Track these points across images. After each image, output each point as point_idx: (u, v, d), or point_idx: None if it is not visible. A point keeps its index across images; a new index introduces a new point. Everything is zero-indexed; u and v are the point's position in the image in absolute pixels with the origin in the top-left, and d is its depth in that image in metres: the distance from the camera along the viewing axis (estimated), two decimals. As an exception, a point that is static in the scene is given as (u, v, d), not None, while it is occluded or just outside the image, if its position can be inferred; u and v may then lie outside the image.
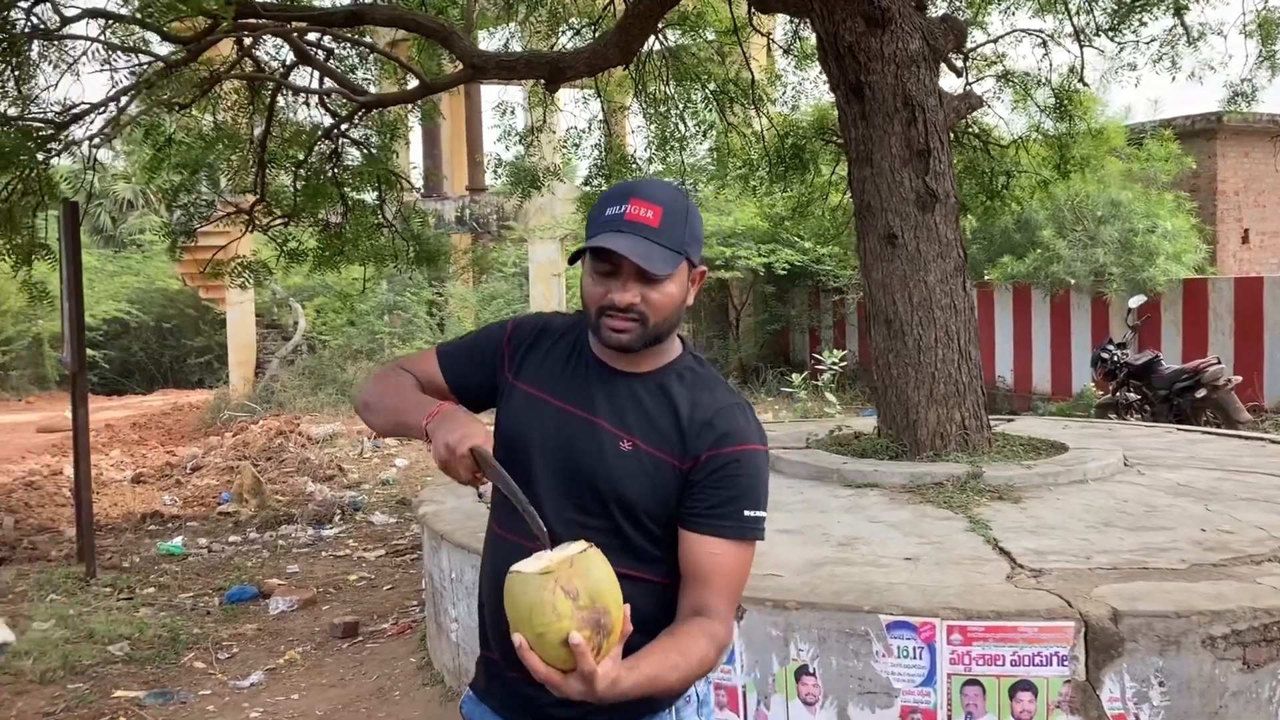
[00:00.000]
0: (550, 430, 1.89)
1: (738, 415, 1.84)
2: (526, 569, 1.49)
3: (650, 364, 1.88)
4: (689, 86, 9.10)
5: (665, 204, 1.80)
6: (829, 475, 5.00)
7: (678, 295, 1.82)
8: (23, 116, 6.95)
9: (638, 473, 1.81)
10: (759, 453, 1.83)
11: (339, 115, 8.14)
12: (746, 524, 1.80)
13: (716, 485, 1.79)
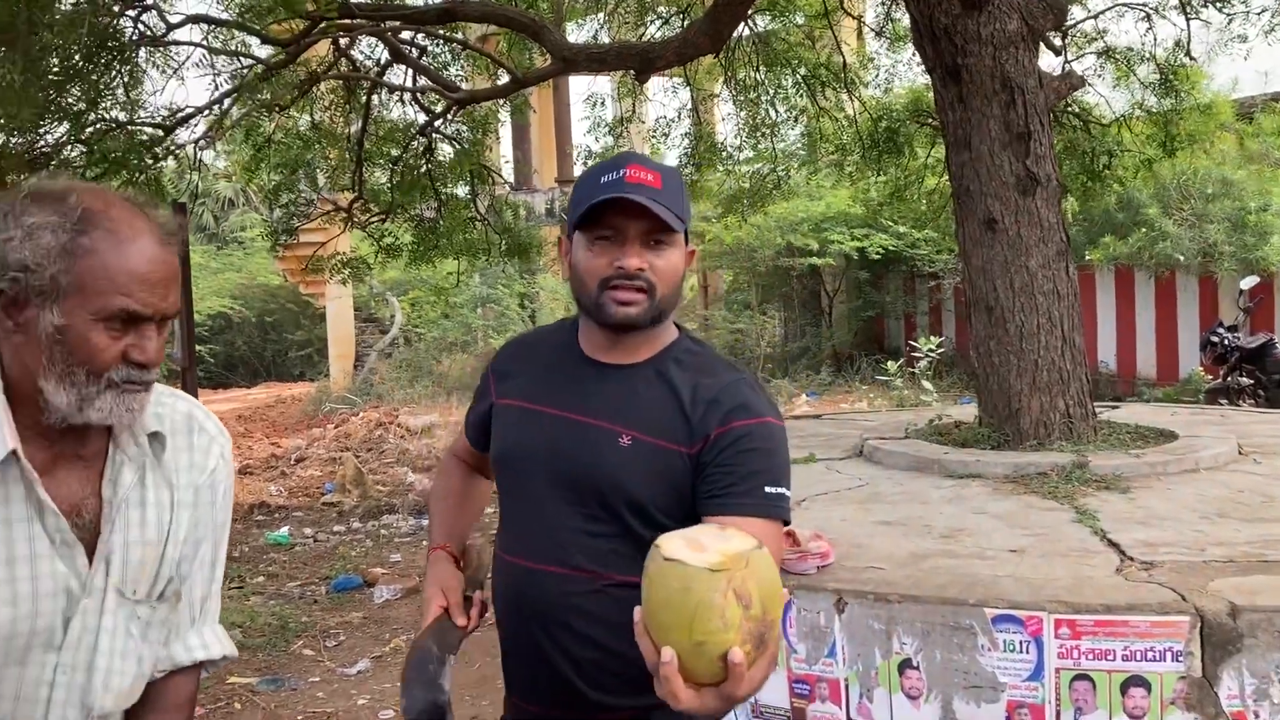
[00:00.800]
0: (545, 440, 1.78)
1: (744, 390, 1.73)
2: (691, 560, 1.24)
3: (646, 351, 1.78)
4: (779, 72, 9.03)
5: (664, 171, 1.72)
6: (929, 466, 4.93)
7: (681, 265, 1.74)
8: (132, 122, 7.20)
9: (641, 467, 1.69)
10: (773, 425, 1.70)
11: (432, 112, 8.27)
12: (769, 501, 1.65)
13: (731, 462, 1.66)
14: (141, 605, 1.44)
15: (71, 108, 6.47)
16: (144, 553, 1.44)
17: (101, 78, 6.56)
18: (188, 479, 1.51)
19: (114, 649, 1.41)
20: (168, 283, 1.36)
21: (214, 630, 1.57)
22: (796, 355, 16.30)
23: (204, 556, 1.54)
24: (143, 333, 1.35)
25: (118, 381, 1.35)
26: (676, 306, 1.76)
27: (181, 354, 7.05)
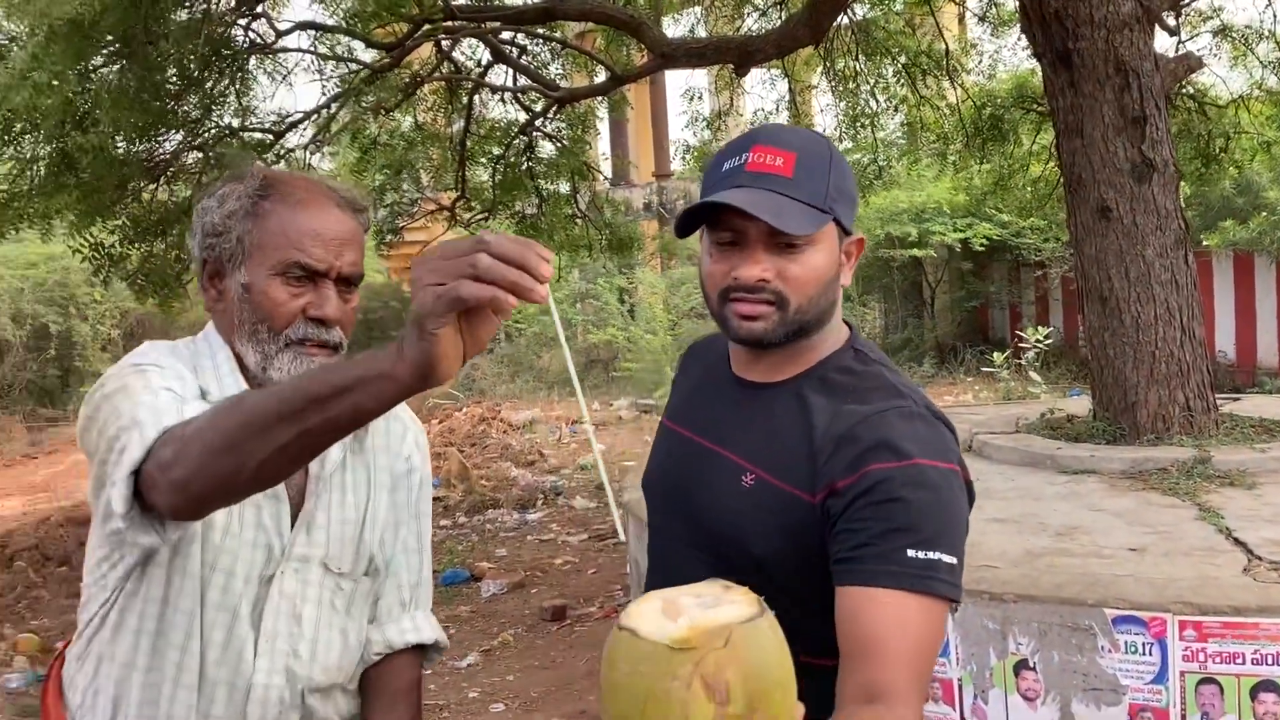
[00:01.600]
0: (673, 468, 1.52)
1: (895, 422, 1.33)
2: (648, 628, 0.91)
3: (792, 368, 1.44)
4: (879, 61, 8.90)
5: (800, 148, 1.37)
6: (1042, 461, 4.81)
7: (825, 268, 1.38)
8: (244, 127, 7.42)
9: (763, 515, 1.37)
10: (928, 469, 1.30)
11: (532, 111, 8.35)
12: (913, 569, 1.26)
13: (861, 517, 1.29)
14: (345, 579, 1.50)
15: (187, 115, 6.70)
16: (344, 530, 1.49)
17: (215, 85, 6.78)
18: (385, 462, 1.56)
19: (319, 620, 1.47)
20: (343, 242, 1.41)
21: (426, 616, 1.62)
22: (898, 347, 16.05)
23: (407, 542, 1.59)
24: (321, 290, 1.40)
25: (295, 339, 1.39)
26: (829, 315, 1.43)
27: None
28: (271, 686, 1.44)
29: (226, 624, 1.41)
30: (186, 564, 1.39)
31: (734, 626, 0.91)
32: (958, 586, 1.30)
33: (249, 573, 1.42)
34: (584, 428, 13.00)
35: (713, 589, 0.98)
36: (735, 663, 0.89)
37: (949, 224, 14.33)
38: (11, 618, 6.11)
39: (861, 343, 1.49)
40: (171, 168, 7.08)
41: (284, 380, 1.36)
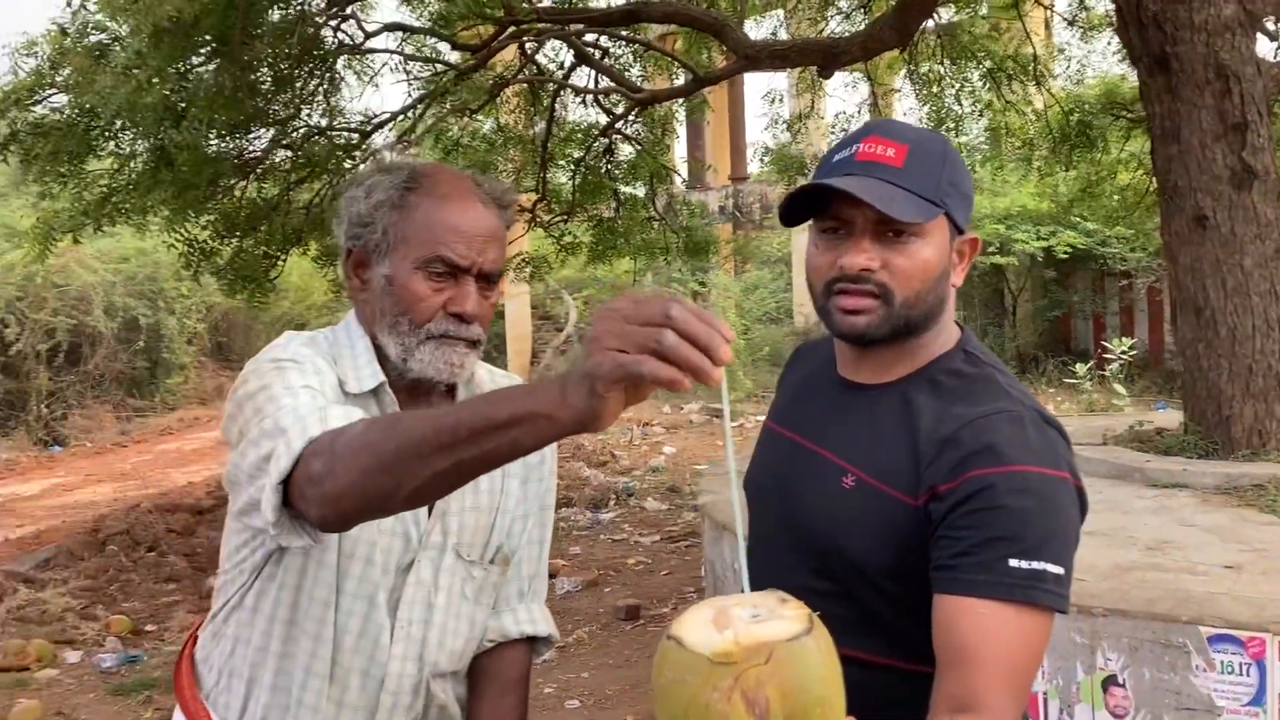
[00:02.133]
0: (773, 467, 1.50)
1: (1002, 426, 1.29)
2: (694, 639, 0.93)
3: (901, 368, 1.40)
4: (964, 64, 8.79)
5: (913, 140, 1.35)
6: (1130, 474, 4.71)
7: (935, 262, 1.34)
8: (331, 127, 7.57)
9: (861, 517, 1.34)
10: (1033, 476, 1.26)
11: (613, 113, 8.38)
12: (1015, 578, 1.22)
13: (962, 524, 1.26)
14: (475, 567, 1.51)
15: (277, 114, 6.85)
16: (477, 518, 1.52)
17: (305, 85, 6.92)
18: None
19: (449, 607, 1.49)
20: (486, 239, 1.42)
21: (541, 609, 1.62)
22: (977, 356, 15.82)
23: (530, 533, 1.60)
24: (462, 286, 1.41)
25: (436, 334, 1.41)
26: (938, 314, 1.39)
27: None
28: (405, 675, 1.46)
29: (363, 612, 1.43)
30: (323, 554, 1.41)
31: (777, 644, 0.92)
32: (1064, 597, 1.25)
33: (386, 561, 1.44)
34: (654, 430, 13.03)
35: (769, 600, 0.99)
36: (776, 679, 0.91)
37: (1032, 231, 14.08)
38: (104, 600, 6.28)
39: (974, 345, 1.44)
40: (261, 165, 7.24)
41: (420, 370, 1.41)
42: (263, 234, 7.41)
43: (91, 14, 5.84)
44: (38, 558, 7.32)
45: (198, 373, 17.80)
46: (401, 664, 1.46)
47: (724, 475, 5.26)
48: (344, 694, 1.45)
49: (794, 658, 0.92)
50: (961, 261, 1.41)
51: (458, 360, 1.42)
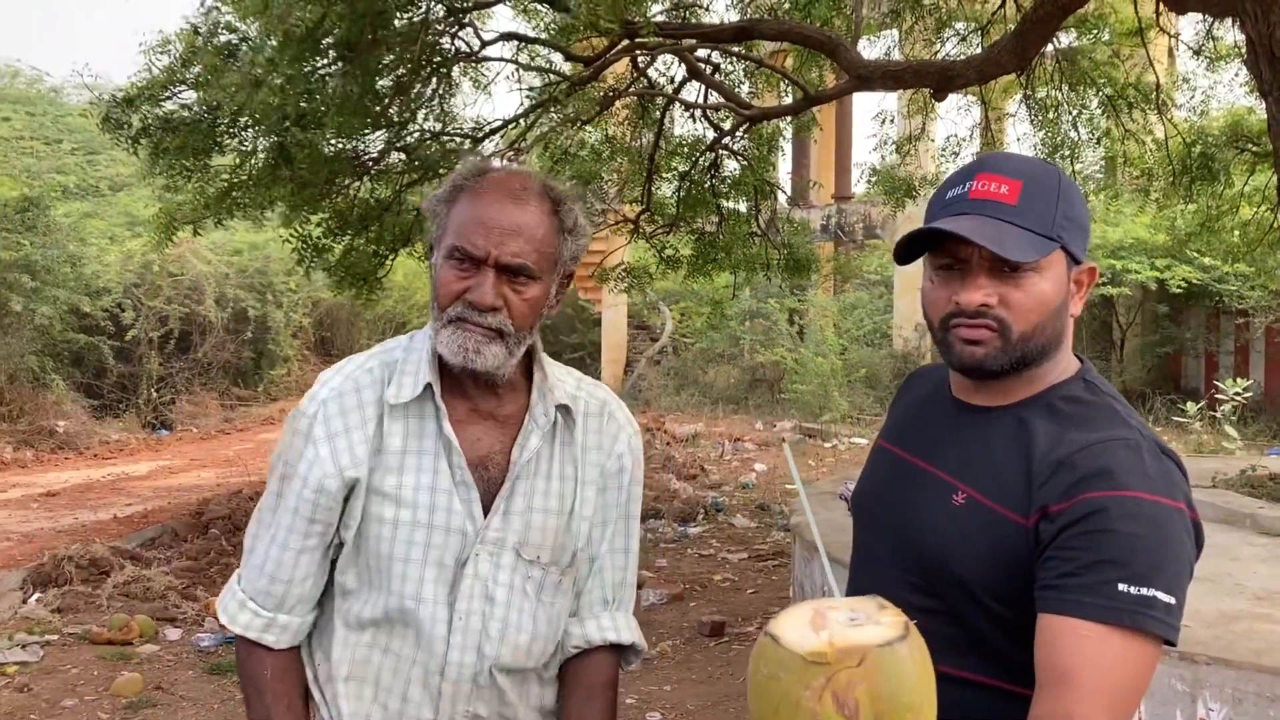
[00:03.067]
0: (883, 485, 1.53)
1: (1118, 452, 1.29)
2: (791, 636, 0.97)
3: (1021, 392, 1.40)
4: (1083, 91, 8.60)
5: (1027, 176, 1.36)
6: (1240, 520, 4.55)
7: (1052, 295, 1.35)
8: (444, 132, 7.72)
9: (970, 534, 1.34)
10: (1148, 504, 1.25)
11: (721, 129, 8.39)
12: (1122, 603, 1.21)
13: (1072, 545, 1.26)
14: (535, 566, 1.55)
15: (394, 118, 7.01)
16: (545, 520, 1.55)
17: (422, 90, 7.08)
18: (595, 459, 1.61)
19: (509, 602, 1.54)
20: (506, 233, 1.46)
21: (627, 618, 1.66)
22: (1080, 389, 15.43)
23: (613, 541, 1.64)
24: (481, 276, 1.47)
25: (454, 318, 1.47)
26: (1057, 345, 1.39)
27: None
28: (464, 665, 1.52)
29: (419, 605, 1.51)
30: (378, 550, 1.51)
31: (871, 648, 0.94)
32: (1174, 628, 1.24)
33: (443, 557, 1.50)
34: (745, 446, 12.97)
35: (867, 605, 1.01)
36: (867, 682, 0.93)
37: (1146, 263, 13.69)
38: (204, 581, 6.49)
39: (1094, 375, 1.44)
40: (376, 167, 7.43)
41: (442, 351, 1.50)
42: (373, 233, 7.59)
43: (223, 14, 6.07)
44: (144, 536, 7.60)
45: (300, 365, 18.29)
46: (461, 654, 1.52)
47: (818, 495, 5.26)
48: (408, 685, 1.53)
49: (886, 663, 0.94)
50: (1080, 291, 1.42)
51: (472, 346, 1.47)
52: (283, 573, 1.54)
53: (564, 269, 1.56)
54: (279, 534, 1.54)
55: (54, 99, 23.28)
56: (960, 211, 1.35)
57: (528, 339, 1.53)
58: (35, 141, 18.95)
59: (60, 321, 14.25)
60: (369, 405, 1.53)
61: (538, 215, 1.49)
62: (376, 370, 1.56)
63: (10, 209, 13.19)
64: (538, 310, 1.51)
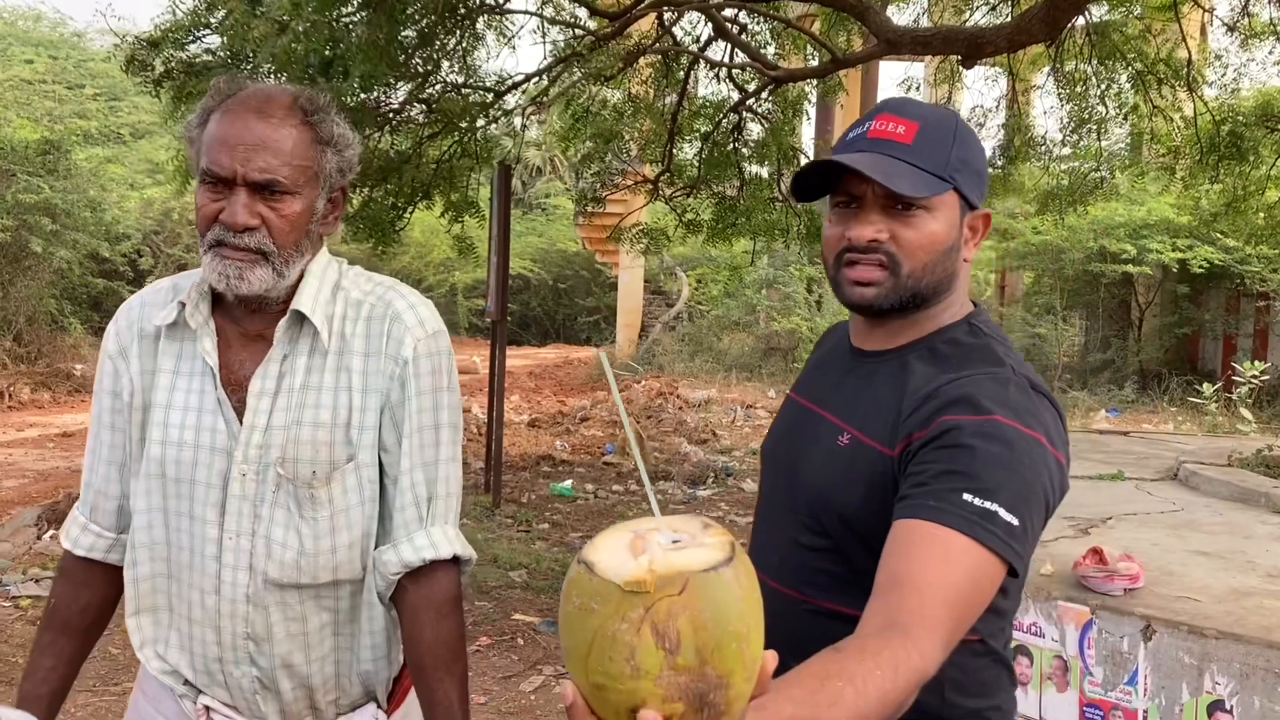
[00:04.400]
0: (783, 432, 1.57)
1: (983, 382, 1.31)
2: (606, 564, 0.87)
3: (908, 336, 1.44)
4: (1112, 65, 8.48)
5: (925, 119, 1.39)
6: (1254, 498, 4.53)
7: (943, 235, 1.38)
8: (467, 84, 7.68)
9: (850, 473, 1.38)
10: (1005, 427, 1.26)
11: (746, 90, 8.32)
12: (964, 510, 1.20)
13: (925, 460, 1.27)
14: (297, 484, 1.52)
15: (417, 69, 6.97)
16: (315, 433, 1.51)
17: (445, 42, 7.03)
18: (376, 366, 1.54)
19: (273, 519, 1.53)
20: (251, 148, 1.43)
21: (445, 532, 1.57)
22: (1098, 368, 15.34)
23: (413, 454, 1.55)
24: (233, 197, 1.44)
25: (213, 242, 1.46)
26: (946, 287, 1.42)
27: (494, 306, 7.49)
28: (238, 584, 1.53)
29: (190, 526, 1.54)
30: (149, 472, 1.55)
31: (692, 573, 0.85)
32: (1015, 551, 1.21)
33: (209, 477, 1.52)
34: (757, 412, 12.97)
35: (691, 525, 0.93)
36: (688, 611, 0.85)
37: (1168, 243, 13.57)
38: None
39: (981, 319, 1.47)
40: (397, 118, 7.39)
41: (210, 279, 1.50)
42: (392, 185, 7.57)
43: (248, -42, 6.02)
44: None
45: (317, 317, 18.29)
46: (233, 573, 1.53)
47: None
48: (190, 607, 1.56)
49: (709, 588, 0.85)
50: (974, 237, 1.45)
51: (234, 272, 1.45)
52: (95, 480, 1.63)
53: (331, 182, 1.53)
54: (90, 442, 1.63)
55: (76, 43, 23.24)
56: (858, 149, 1.38)
57: (296, 257, 1.50)
58: (57, 85, 18.93)
59: (79, 266, 14.30)
60: (148, 323, 1.57)
61: (286, 128, 1.45)
62: (165, 290, 1.60)
63: (32, 152, 13.21)
64: (301, 227, 1.48)
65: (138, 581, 1.58)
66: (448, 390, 1.59)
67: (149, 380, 1.55)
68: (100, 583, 1.62)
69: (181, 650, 1.59)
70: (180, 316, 1.53)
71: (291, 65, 5.61)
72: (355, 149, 1.54)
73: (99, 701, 3.89)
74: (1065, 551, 3.53)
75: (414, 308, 1.58)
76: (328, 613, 1.58)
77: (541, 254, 26.34)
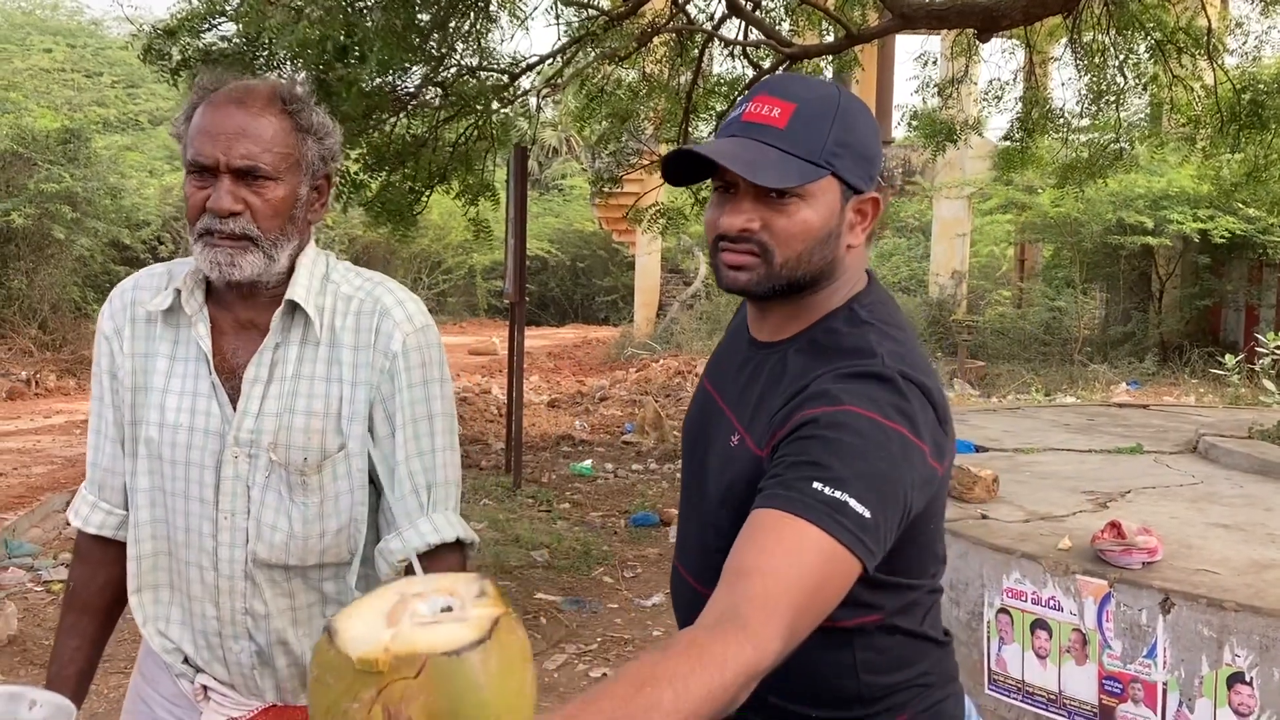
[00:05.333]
0: (694, 421, 1.54)
1: (846, 376, 1.27)
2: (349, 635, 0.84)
3: (794, 326, 1.40)
4: (1131, 35, 8.41)
5: (802, 99, 1.33)
6: (1275, 470, 4.52)
7: (818, 223, 1.33)
8: (482, 67, 7.69)
9: (738, 478, 1.33)
10: (860, 418, 1.21)
11: (760, 67, 8.30)
12: (812, 498, 1.15)
13: (781, 454, 1.24)
14: (288, 469, 1.57)
15: (433, 52, 6.99)
16: (308, 421, 1.57)
17: (460, 24, 7.04)
18: (365, 359, 1.58)
19: (264, 501, 1.58)
20: (232, 136, 1.48)
21: (447, 517, 1.61)
22: (1118, 340, 15.27)
23: (407, 445, 1.60)
24: (218, 185, 1.48)
25: (202, 230, 1.50)
26: (828, 273, 1.37)
27: (512, 288, 7.52)
28: (234, 562, 1.59)
29: (186, 507, 1.60)
30: (148, 456, 1.60)
31: (433, 657, 0.80)
32: (865, 546, 1.15)
33: (203, 459, 1.57)
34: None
35: (467, 590, 0.89)
36: (424, 696, 0.80)
37: (1189, 214, 13.47)
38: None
39: (864, 303, 1.40)
40: (413, 102, 7.41)
41: (202, 268, 1.53)
42: (409, 169, 7.60)
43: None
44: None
45: (337, 301, 18.37)
46: (230, 551, 1.58)
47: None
48: (189, 584, 1.62)
49: (449, 674, 0.80)
50: (863, 221, 1.39)
51: (225, 260, 1.50)
52: (101, 459, 1.67)
53: (314, 169, 1.56)
54: (93, 420, 1.68)
55: (94, 31, 23.33)
56: (731, 133, 1.34)
57: (283, 242, 1.54)
58: (76, 74, 19.00)
59: (101, 253, 14.40)
60: (141, 306, 1.62)
61: (267, 117, 1.50)
62: (159, 275, 1.64)
63: (52, 140, 13.30)
64: (284, 212, 1.52)
65: (140, 559, 1.63)
66: (439, 381, 1.63)
67: (141, 363, 1.61)
68: (116, 560, 1.67)
69: (183, 626, 1.64)
70: (176, 303, 1.58)
71: (307, 52, 5.65)
72: (336, 137, 1.59)
73: (129, 681, 3.98)
74: (1083, 525, 3.54)
75: (402, 303, 1.62)
76: (314, 592, 1.63)
77: (559, 234, 26.35)
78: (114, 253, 14.87)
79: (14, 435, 9.04)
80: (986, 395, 12.39)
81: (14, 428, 9.51)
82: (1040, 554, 3.27)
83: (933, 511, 1.34)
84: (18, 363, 12.73)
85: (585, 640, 4.66)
